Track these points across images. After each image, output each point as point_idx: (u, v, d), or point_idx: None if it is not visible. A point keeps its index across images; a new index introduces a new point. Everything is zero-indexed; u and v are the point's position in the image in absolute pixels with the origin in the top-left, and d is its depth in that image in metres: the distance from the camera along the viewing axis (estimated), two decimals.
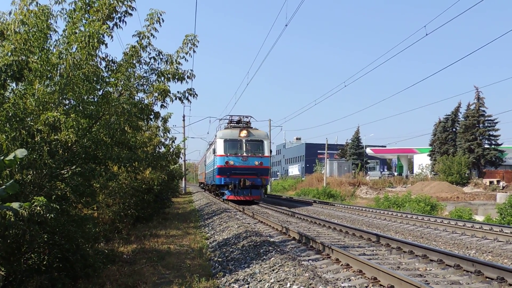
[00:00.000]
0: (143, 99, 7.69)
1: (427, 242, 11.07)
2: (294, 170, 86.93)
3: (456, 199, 34.88)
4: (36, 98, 6.36)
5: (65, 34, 6.84)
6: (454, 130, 53.77)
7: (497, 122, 48.97)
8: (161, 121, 9.42)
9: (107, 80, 7.35)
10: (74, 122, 6.47)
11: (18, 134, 5.61)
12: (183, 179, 49.62)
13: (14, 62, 5.37)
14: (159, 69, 7.65)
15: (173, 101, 7.80)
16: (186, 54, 7.65)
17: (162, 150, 10.43)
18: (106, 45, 6.84)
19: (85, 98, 7.06)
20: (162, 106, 7.82)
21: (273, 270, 7.00)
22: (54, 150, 6.22)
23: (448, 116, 54.60)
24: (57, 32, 6.88)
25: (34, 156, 5.97)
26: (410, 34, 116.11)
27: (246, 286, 6.68)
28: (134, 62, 7.44)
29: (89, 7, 6.75)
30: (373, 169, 64.97)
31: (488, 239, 11.21)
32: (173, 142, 9.44)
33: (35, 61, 6.18)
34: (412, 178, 54.00)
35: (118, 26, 7.08)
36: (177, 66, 7.65)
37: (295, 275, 6.38)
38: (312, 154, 77.13)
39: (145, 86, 7.74)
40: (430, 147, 56.56)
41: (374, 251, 9.17)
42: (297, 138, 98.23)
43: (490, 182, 42.60)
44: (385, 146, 75.68)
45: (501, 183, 42.25)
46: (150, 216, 16.94)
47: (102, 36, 6.59)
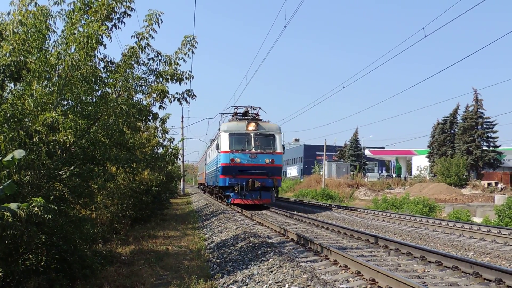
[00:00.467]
0: (142, 100, 7.69)
1: (426, 244, 11.08)
2: (293, 171, 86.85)
3: (454, 201, 34.95)
4: (34, 98, 6.35)
5: (63, 35, 6.83)
6: (452, 132, 53.88)
7: (495, 124, 49.16)
8: (159, 122, 9.39)
9: (106, 81, 7.34)
10: (73, 123, 6.47)
11: (16, 135, 5.60)
12: (182, 180, 49.62)
13: (13, 62, 5.37)
14: (158, 70, 7.65)
15: (171, 102, 7.80)
16: (185, 55, 7.65)
17: (161, 151, 10.42)
18: (105, 46, 6.86)
19: (83, 98, 7.05)
20: (160, 107, 7.85)
21: (271, 272, 7.00)
22: (52, 150, 6.22)
23: (446, 118, 54.72)
24: (55, 32, 6.89)
25: (32, 156, 5.97)
26: (409, 36, 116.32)
27: (244, 287, 6.68)
28: (133, 63, 7.44)
29: (87, 8, 6.74)
30: (371, 170, 65.01)
31: (486, 241, 11.22)
32: (171, 143, 9.42)
33: (34, 61, 6.17)
34: (410, 179, 54.11)
35: (117, 27, 7.08)
36: (175, 67, 7.65)
37: (293, 277, 6.38)
38: (310, 156, 77.03)
39: (143, 87, 7.75)
40: (429, 149, 56.69)
41: (373, 253, 9.18)
42: (295, 140, 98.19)
43: (488, 184, 42.70)
44: (383, 148, 75.91)
45: (499, 185, 42.37)
46: (148, 217, 16.92)
47: (100, 37, 6.59)
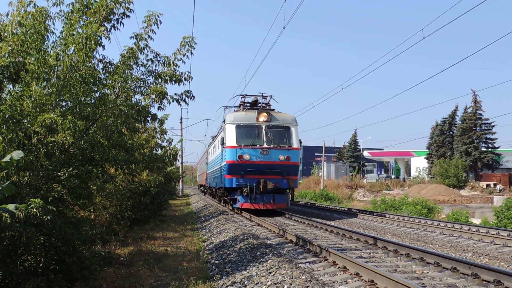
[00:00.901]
0: (140, 101, 7.68)
1: (424, 245, 11.08)
2: None
3: (453, 202, 35.02)
4: (33, 99, 6.34)
5: (62, 36, 6.82)
6: (451, 133, 54.01)
7: (494, 125, 49.39)
8: (158, 123, 9.40)
9: (104, 82, 7.34)
10: (71, 124, 6.46)
11: (15, 136, 5.59)
12: (180, 181, 49.56)
13: (11, 63, 5.36)
14: (157, 71, 7.64)
15: (170, 103, 7.78)
16: (184, 56, 7.64)
17: (159, 152, 10.43)
18: (104, 47, 6.84)
19: (82, 100, 7.05)
20: (159, 108, 7.84)
21: (270, 273, 6.99)
22: (50, 152, 6.21)
23: (445, 119, 54.86)
24: (54, 33, 6.88)
25: (31, 158, 5.96)
26: (408, 37, 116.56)
27: None
28: (132, 64, 7.43)
29: (86, 9, 6.74)
30: (370, 171, 65.16)
31: (484, 242, 11.22)
32: (170, 144, 9.44)
33: (32, 62, 6.18)
34: (409, 181, 54.23)
35: (116, 28, 7.06)
36: (174, 68, 7.65)
37: (292, 278, 6.38)
38: (309, 157, 77.02)
39: (142, 88, 7.74)
40: (427, 150, 56.80)
41: (371, 254, 9.18)
42: None
43: (487, 185, 42.78)
44: (382, 149, 75.95)
45: (498, 186, 42.46)
46: (147, 218, 16.89)
47: (99, 38, 6.58)
